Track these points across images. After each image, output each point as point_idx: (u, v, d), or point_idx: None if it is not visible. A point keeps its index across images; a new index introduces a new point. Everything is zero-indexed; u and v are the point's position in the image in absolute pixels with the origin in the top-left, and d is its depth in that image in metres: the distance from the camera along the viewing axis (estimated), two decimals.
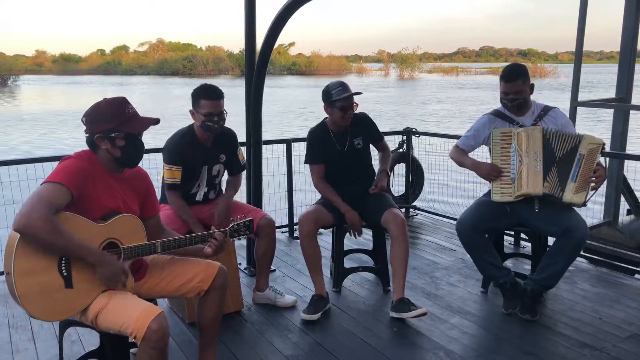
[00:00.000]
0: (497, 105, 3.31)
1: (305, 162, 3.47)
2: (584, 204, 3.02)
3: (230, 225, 2.39)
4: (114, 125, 2.14)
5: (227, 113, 3.10)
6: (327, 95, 3.30)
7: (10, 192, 3.80)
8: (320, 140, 3.40)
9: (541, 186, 3.03)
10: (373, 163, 3.59)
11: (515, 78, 3.09)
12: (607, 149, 4.74)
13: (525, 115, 3.19)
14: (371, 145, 3.54)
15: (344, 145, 3.38)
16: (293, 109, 23.84)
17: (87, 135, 2.17)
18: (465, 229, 3.14)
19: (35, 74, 61.47)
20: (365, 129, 3.46)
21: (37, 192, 1.94)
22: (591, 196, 3.05)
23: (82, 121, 2.18)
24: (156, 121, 2.24)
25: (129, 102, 2.21)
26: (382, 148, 3.60)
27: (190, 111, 3.11)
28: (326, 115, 3.40)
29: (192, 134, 3.12)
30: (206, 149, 3.14)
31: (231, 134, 3.30)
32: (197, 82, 3.15)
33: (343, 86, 3.28)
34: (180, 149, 3.06)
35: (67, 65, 68.55)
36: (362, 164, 3.46)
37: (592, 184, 2.98)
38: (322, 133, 3.41)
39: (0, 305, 3.32)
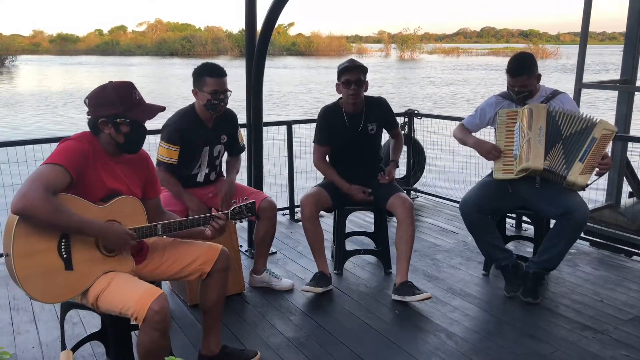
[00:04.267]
0: (500, 87, 3.27)
1: (313, 141, 3.44)
2: (584, 188, 3.00)
3: (232, 208, 2.37)
4: (120, 110, 2.10)
5: (231, 92, 3.05)
6: (337, 72, 3.26)
7: (9, 174, 3.77)
8: (331, 121, 3.35)
9: (542, 160, 2.99)
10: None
11: (520, 73, 3.04)
12: None
13: (533, 98, 3.15)
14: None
15: (357, 128, 3.33)
16: (295, 89, 23.69)
17: (90, 117, 2.13)
18: (469, 209, 3.13)
19: (33, 54, 60.97)
20: (381, 115, 3.41)
21: (34, 173, 1.91)
22: (593, 182, 3.03)
23: (85, 102, 2.14)
24: (162, 109, 2.22)
25: (135, 87, 2.17)
26: (396, 136, 3.56)
27: (193, 91, 3.05)
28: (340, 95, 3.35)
29: (193, 113, 3.07)
30: (208, 129, 3.10)
31: (232, 115, 3.26)
32: (196, 63, 3.10)
33: (349, 61, 3.24)
34: (180, 129, 3.01)
35: (64, 45, 67.94)
36: (371, 149, 3.43)
37: (597, 170, 2.96)
38: (335, 113, 3.36)
39: (1, 287, 3.31)
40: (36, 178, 1.88)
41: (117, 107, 2.10)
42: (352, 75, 3.19)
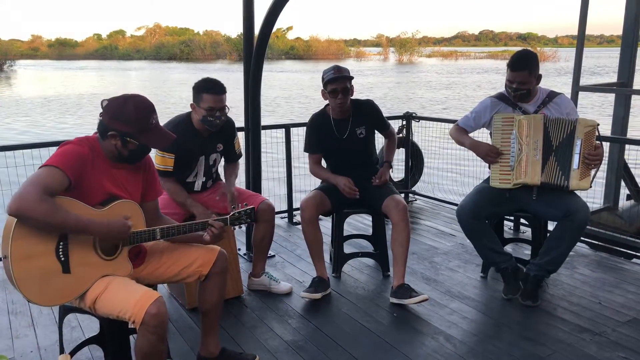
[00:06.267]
0: (497, 90, 3.27)
1: (304, 150, 3.46)
2: (590, 187, 3.02)
3: (232, 213, 2.38)
4: (134, 130, 2.10)
5: (229, 108, 3.05)
6: (322, 79, 3.28)
7: (7, 178, 3.77)
8: (319, 128, 3.38)
9: (539, 176, 3.01)
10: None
11: (522, 68, 2.99)
12: (609, 133, 4.73)
13: (529, 102, 3.14)
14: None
15: (344, 133, 3.35)
16: (293, 93, 23.70)
17: (102, 121, 2.12)
18: (466, 215, 3.13)
19: (31, 59, 61.04)
20: (370, 118, 3.42)
21: (32, 176, 1.92)
22: (594, 176, 3.03)
23: (102, 104, 2.13)
24: (172, 138, 2.24)
25: (155, 110, 2.17)
26: (388, 136, 3.57)
27: (191, 105, 3.04)
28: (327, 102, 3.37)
29: (188, 122, 3.06)
30: (203, 138, 3.09)
31: (229, 123, 3.24)
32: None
33: (335, 69, 3.23)
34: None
35: (63, 50, 68.11)
36: (363, 153, 3.43)
37: (592, 165, 2.97)
38: (322, 120, 3.38)
39: (0, 291, 3.31)
40: (33, 180, 1.89)
41: (131, 126, 2.09)
42: (339, 85, 3.20)
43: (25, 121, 16.25)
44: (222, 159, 3.30)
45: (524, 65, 3.00)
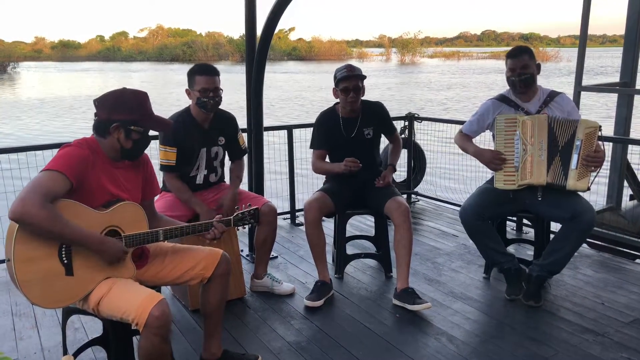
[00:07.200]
0: (499, 90, 3.27)
1: (309, 147, 3.46)
2: (588, 189, 3.01)
3: (235, 214, 2.39)
4: (137, 117, 2.12)
5: (222, 90, 3.06)
6: (334, 78, 3.29)
7: (11, 180, 3.78)
8: (327, 125, 3.38)
9: (545, 177, 3.01)
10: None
11: (521, 53, 3.08)
12: (611, 134, 4.72)
13: (531, 101, 3.15)
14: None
15: (352, 132, 3.35)
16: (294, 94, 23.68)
17: (99, 119, 2.12)
18: (469, 216, 3.12)
19: (35, 61, 61.19)
20: (378, 119, 3.43)
21: (33, 180, 1.92)
22: (594, 179, 3.03)
23: (95, 104, 2.14)
24: (170, 124, 2.30)
25: (149, 97, 2.21)
26: (394, 140, 3.58)
27: (186, 90, 3.08)
28: (337, 100, 3.38)
29: (188, 115, 3.09)
30: (203, 130, 3.11)
31: (229, 117, 3.26)
32: None
33: (347, 68, 3.25)
34: (175, 130, 3.00)
35: (66, 52, 68.20)
36: (369, 153, 3.43)
37: (592, 167, 2.96)
38: (331, 118, 3.39)
39: (4, 293, 3.32)
40: (35, 185, 1.89)
41: (134, 113, 2.12)
42: (351, 83, 3.21)
43: (18, 123, 16.27)
44: (226, 155, 3.29)
45: (522, 50, 3.11)
